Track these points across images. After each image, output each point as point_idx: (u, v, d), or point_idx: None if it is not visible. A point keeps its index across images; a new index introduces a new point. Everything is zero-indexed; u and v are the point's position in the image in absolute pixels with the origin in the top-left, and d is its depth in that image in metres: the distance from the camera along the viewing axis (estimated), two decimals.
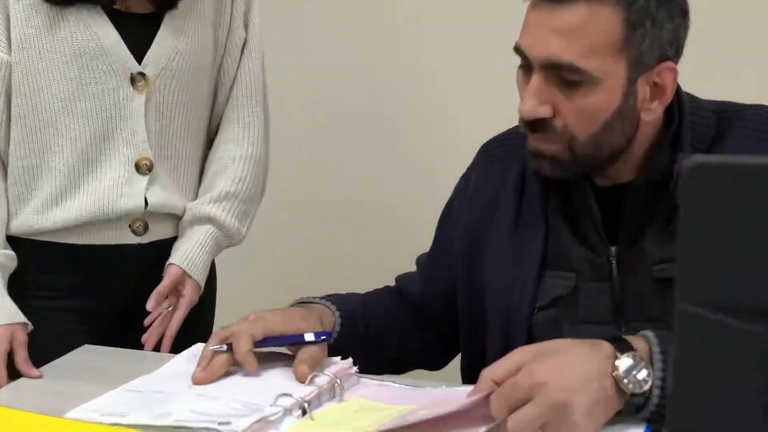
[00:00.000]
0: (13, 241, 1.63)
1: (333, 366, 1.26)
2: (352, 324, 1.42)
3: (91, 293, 1.66)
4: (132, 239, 1.65)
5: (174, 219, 1.71)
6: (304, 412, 1.14)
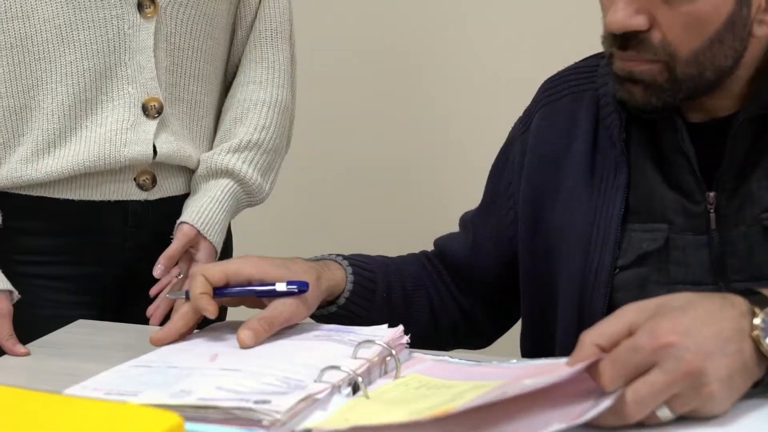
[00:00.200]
0: None
1: (379, 334, 1.14)
2: (368, 285, 1.33)
3: (88, 258, 1.56)
4: (137, 194, 1.55)
5: (186, 173, 1.61)
6: (355, 390, 1.02)
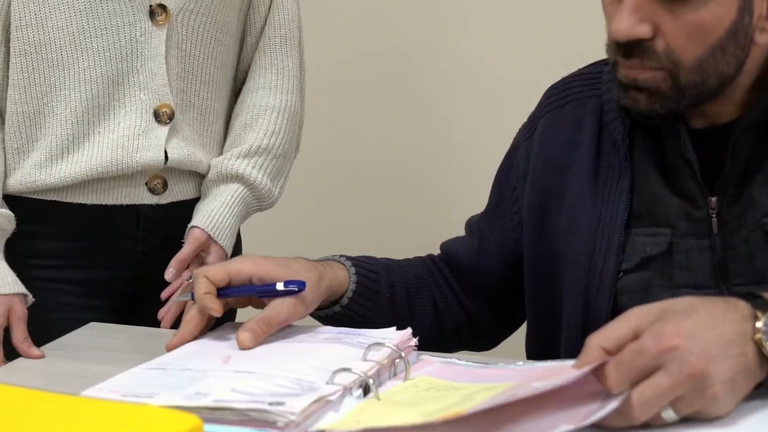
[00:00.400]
0: (10, 200, 1.52)
1: (388, 337, 1.13)
2: (372, 286, 1.32)
3: (100, 261, 1.56)
4: (148, 198, 1.55)
5: (196, 177, 1.60)
6: (366, 391, 1.01)
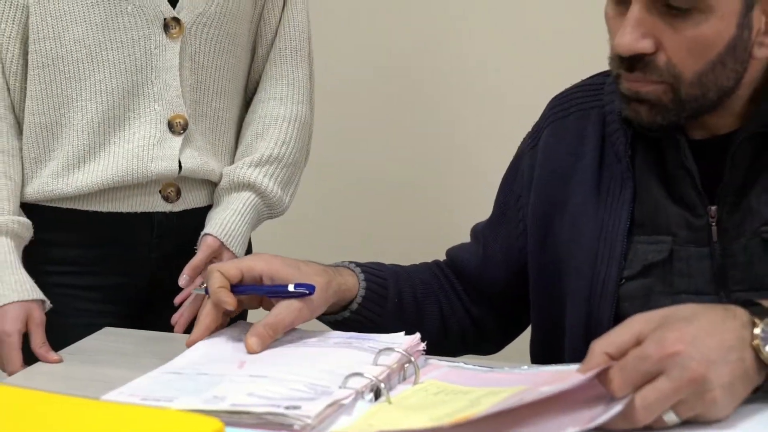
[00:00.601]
0: (28, 208, 1.52)
1: (398, 341, 1.14)
2: (380, 291, 1.32)
3: (115, 268, 1.56)
4: (162, 206, 1.55)
5: (208, 186, 1.61)
6: (377, 395, 1.02)
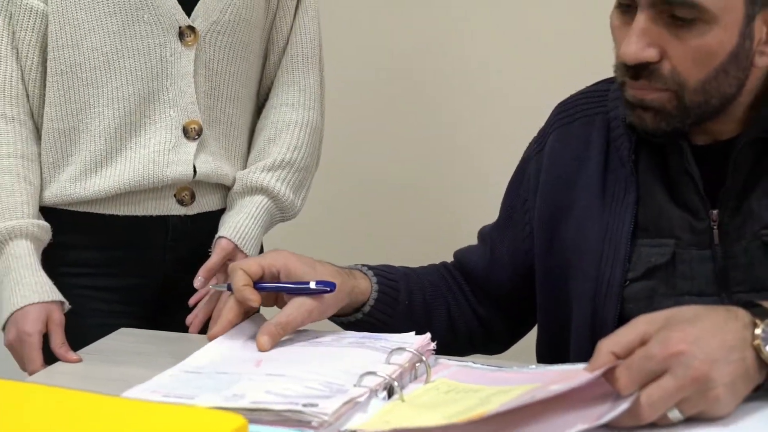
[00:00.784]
0: (46, 212, 1.54)
1: (409, 341, 1.16)
2: (391, 294, 1.34)
3: (131, 270, 1.58)
4: (177, 210, 1.57)
5: (222, 190, 1.63)
6: (390, 393, 1.04)
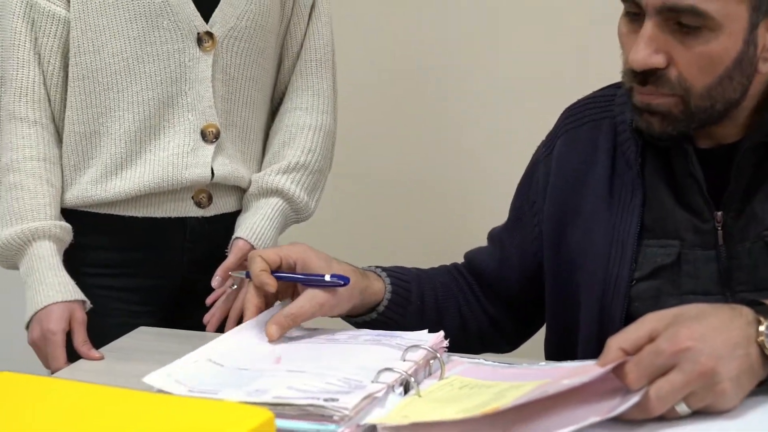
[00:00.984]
0: (67, 213, 1.57)
1: (423, 339, 1.18)
2: (404, 294, 1.37)
3: (150, 270, 1.61)
4: (195, 212, 1.60)
5: (238, 191, 1.65)
6: (406, 389, 1.07)
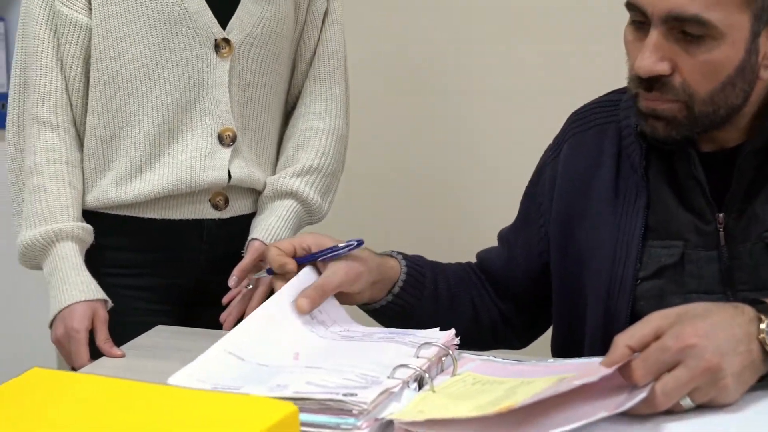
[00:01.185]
0: (87, 215, 1.60)
1: (435, 336, 1.21)
2: (419, 278, 1.40)
3: (168, 271, 1.63)
4: (212, 214, 1.63)
5: (253, 194, 1.68)
6: (420, 385, 1.10)
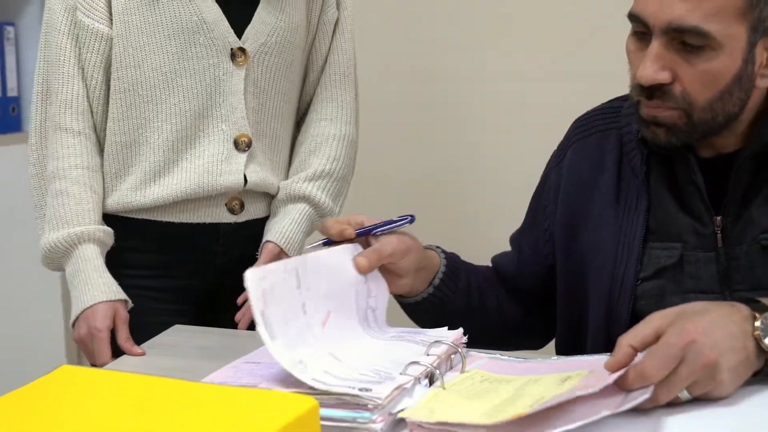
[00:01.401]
0: (107, 218, 1.62)
1: (444, 335, 1.23)
2: (455, 271, 1.42)
3: (185, 272, 1.66)
4: (228, 218, 1.65)
5: (267, 198, 1.71)
6: (431, 381, 1.12)
